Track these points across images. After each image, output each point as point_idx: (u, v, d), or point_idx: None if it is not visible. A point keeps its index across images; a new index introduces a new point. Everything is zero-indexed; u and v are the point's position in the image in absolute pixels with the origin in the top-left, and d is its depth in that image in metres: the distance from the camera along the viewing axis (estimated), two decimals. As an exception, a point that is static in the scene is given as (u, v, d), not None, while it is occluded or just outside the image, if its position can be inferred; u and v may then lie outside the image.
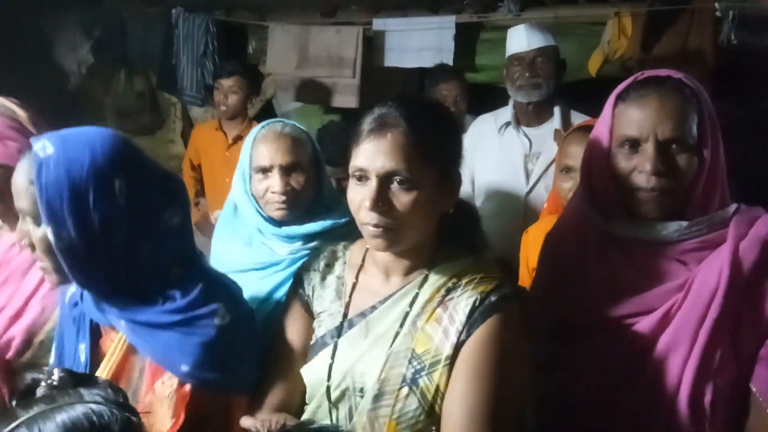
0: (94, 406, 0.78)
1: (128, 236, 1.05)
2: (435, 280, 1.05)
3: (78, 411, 0.77)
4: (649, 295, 1.08)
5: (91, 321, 1.18)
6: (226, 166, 2.86)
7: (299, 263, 1.49)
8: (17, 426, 0.76)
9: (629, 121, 1.08)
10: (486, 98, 2.97)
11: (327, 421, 1.05)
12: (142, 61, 4.41)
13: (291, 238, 1.51)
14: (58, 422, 0.75)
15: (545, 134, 2.19)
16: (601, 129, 1.15)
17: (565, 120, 2.19)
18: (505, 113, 2.29)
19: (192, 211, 3.23)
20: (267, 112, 4.07)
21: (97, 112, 4.96)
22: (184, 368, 1.07)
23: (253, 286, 1.52)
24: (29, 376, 0.87)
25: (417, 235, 1.02)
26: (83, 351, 1.18)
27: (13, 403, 0.83)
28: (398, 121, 0.98)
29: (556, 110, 2.21)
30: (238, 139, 2.96)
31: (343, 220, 1.53)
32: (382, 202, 0.97)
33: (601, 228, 1.14)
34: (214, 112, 4.04)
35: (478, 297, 1.00)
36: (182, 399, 1.09)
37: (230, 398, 1.12)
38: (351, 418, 1.02)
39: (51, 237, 1.02)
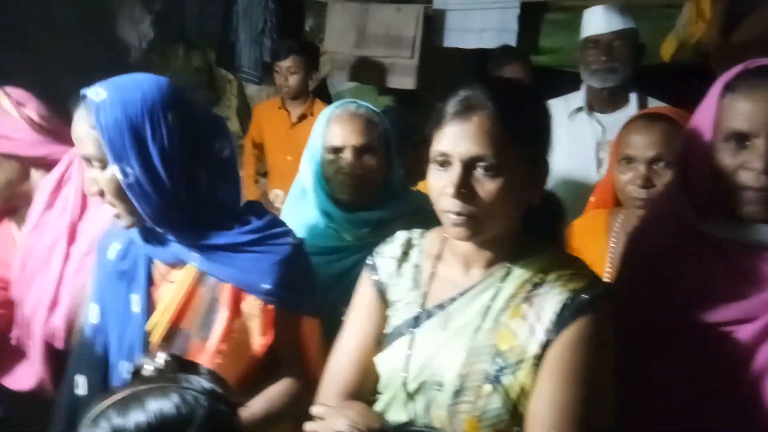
0: (186, 393, 0.78)
1: (186, 167, 1.13)
2: (519, 274, 1.00)
3: (169, 397, 0.76)
4: (750, 302, 1.01)
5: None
6: (289, 145, 2.88)
7: (366, 250, 1.48)
8: (108, 407, 0.76)
9: (738, 113, 1.00)
10: (548, 82, 2.87)
11: (402, 412, 1.02)
12: (201, 37, 4.46)
13: (359, 224, 1.49)
14: (147, 406, 0.75)
15: (619, 121, 2.04)
16: (703, 120, 1.06)
17: (642, 107, 2.08)
18: (577, 98, 2.19)
19: (251, 188, 3.29)
20: (321, 90, 4.06)
21: (155, 87, 5.07)
22: (266, 286, 1.16)
23: (320, 271, 1.51)
24: (139, 359, 0.88)
25: (500, 225, 0.98)
26: (137, 302, 1.21)
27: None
28: (485, 103, 0.94)
29: (633, 96, 2.10)
30: (302, 117, 2.96)
31: (412, 207, 1.50)
32: (465, 188, 0.93)
33: (695, 227, 1.07)
34: (269, 91, 4.05)
35: (569, 295, 0.95)
36: (269, 317, 1.19)
37: (303, 320, 1.25)
38: (429, 410, 1.00)
39: (119, 175, 1.09)
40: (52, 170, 1.49)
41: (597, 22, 2.12)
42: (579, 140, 2.14)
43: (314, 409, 1.06)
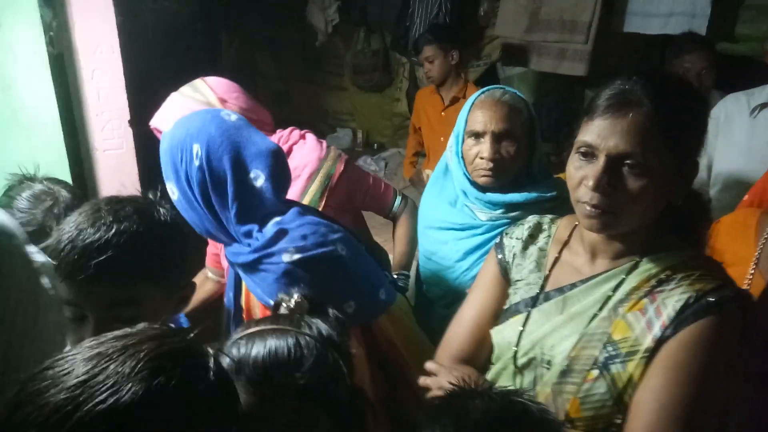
0: (302, 338, 0.90)
1: (209, 192, 1.23)
2: (647, 269, 0.99)
3: (286, 339, 0.89)
4: None
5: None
6: (442, 127, 2.97)
7: (498, 230, 1.53)
8: (240, 337, 0.92)
9: None
10: (742, 72, 2.59)
11: (509, 383, 1.08)
12: (380, 21, 4.70)
13: (493, 205, 1.54)
14: (266, 344, 0.89)
15: (811, 121, 1.85)
16: None
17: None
18: (762, 94, 1.98)
19: (408, 169, 3.45)
20: (489, 77, 4.07)
21: (337, 67, 5.47)
22: (270, 302, 1.20)
23: (452, 245, 1.60)
24: (279, 295, 1.05)
25: (636, 222, 0.96)
26: (227, 297, 1.42)
27: None
28: (642, 99, 0.91)
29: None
30: (455, 101, 3.03)
31: (549, 194, 1.51)
32: (607, 183, 0.92)
33: None
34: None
35: (693, 295, 0.92)
36: None
37: None
38: (535, 385, 1.04)
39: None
40: None
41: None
42: (760, 139, 1.94)
43: (428, 364, 1.15)
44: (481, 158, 1.50)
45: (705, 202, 1.11)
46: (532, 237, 1.16)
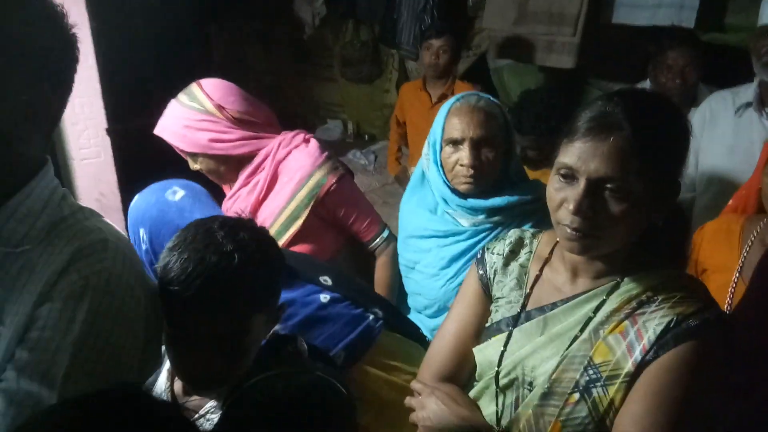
0: (323, 377, 0.93)
1: None
2: (627, 289, 0.98)
3: (313, 377, 0.92)
4: None
5: None
6: (428, 125, 2.92)
7: (481, 235, 1.52)
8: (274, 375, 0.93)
9: None
10: (732, 63, 2.56)
11: (491, 402, 1.08)
12: (369, 13, 4.65)
13: (474, 211, 1.53)
14: (302, 381, 0.91)
15: (796, 121, 1.84)
16: None
17: (828, 105, 1.80)
18: (747, 92, 1.96)
19: (393, 165, 3.42)
20: (479, 67, 4.03)
21: (326, 59, 5.42)
22: None
23: (435, 253, 1.59)
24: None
25: (617, 244, 0.96)
26: None
27: None
28: (623, 123, 0.90)
29: (816, 92, 1.82)
30: (443, 98, 2.99)
31: (528, 197, 1.50)
32: (588, 207, 0.91)
33: None
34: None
35: (675, 318, 0.91)
36: None
37: None
38: (517, 407, 1.03)
39: None
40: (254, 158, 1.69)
41: (781, 6, 1.84)
42: (744, 138, 1.92)
43: (412, 384, 1.16)
44: (461, 165, 1.49)
45: (685, 219, 1.10)
46: (514, 253, 1.15)
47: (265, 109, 1.74)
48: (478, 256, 1.21)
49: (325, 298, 1.29)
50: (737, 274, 1.36)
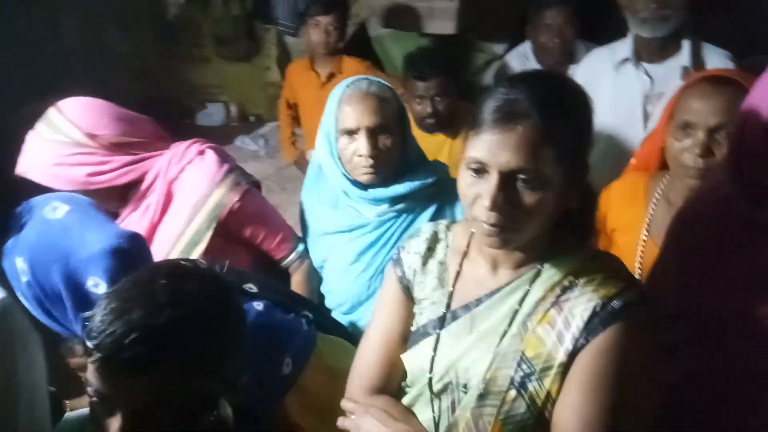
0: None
1: (48, 308, 1.12)
2: (548, 276, 0.96)
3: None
4: None
5: None
6: (321, 105, 2.79)
7: (387, 225, 1.48)
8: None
9: None
10: (607, 16, 2.66)
11: (427, 409, 1.04)
12: (239, -13, 4.38)
13: (378, 201, 1.48)
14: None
15: (670, 72, 1.92)
16: (761, 99, 0.96)
17: (696, 55, 1.90)
18: (623, 48, 2.02)
19: (290, 149, 3.28)
20: (360, 37, 3.94)
21: (197, 37, 5.07)
22: None
23: (342, 248, 1.52)
24: None
25: (536, 233, 0.93)
26: None
27: None
28: (529, 111, 0.87)
29: (685, 44, 1.91)
30: (331, 77, 2.87)
31: (429, 180, 1.47)
32: (503, 200, 0.87)
33: (749, 214, 0.99)
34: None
35: (599, 302, 0.91)
36: None
37: None
38: (454, 411, 1.00)
39: None
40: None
41: (648, -39, 1.91)
42: (625, 93, 1.99)
43: (343, 404, 1.09)
44: (359, 156, 1.42)
45: (593, 191, 1.11)
46: (431, 250, 1.10)
47: (147, 122, 1.54)
48: (394, 257, 1.15)
49: (258, 305, 1.18)
50: (645, 233, 1.41)
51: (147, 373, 0.78)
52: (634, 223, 1.43)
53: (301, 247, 1.64)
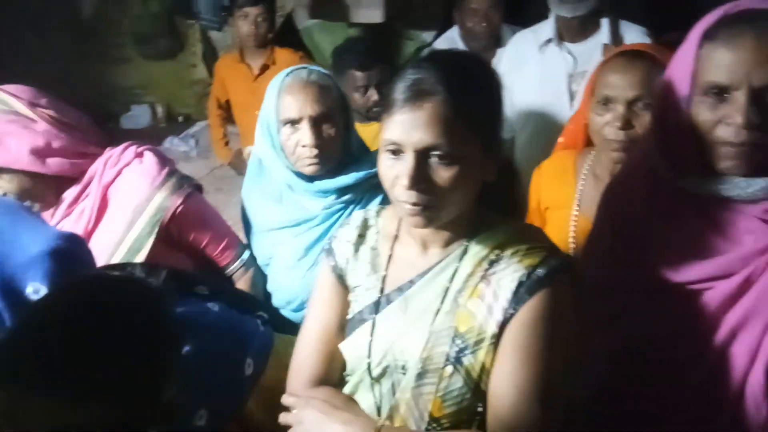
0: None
1: None
2: (476, 252, 0.97)
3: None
4: (727, 258, 0.97)
5: None
6: (254, 99, 2.69)
7: (334, 217, 1.44)
8: None
9: (717, 65, 0.92)
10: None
11: (368, 394, 1.02)
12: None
13: (324, 193, 1.44)
14: None
15: (591, 50, 1.97)
16: (679, 72, 0.98)
17: (614, 32, 1.95)
18: (546, 28, 2.05)
19: (223, 150, 3.16)
20: (285, 27, 3.85)
21: (116, 36, 4.83)
22: None
23: (289, 244, 1.48)
24: None
25: (458, 209, 0.94)
26: None
27: None
28: (436, 87, 0.88)
29: (604, 22, 1.96)
30: (265, 68, 2.79)
31: (374, 169, 1.43)
32: (420, 179, 0.88)
33: (673, 184, 1.01)
34: (235, 38, 3.83)
35: (525, 272, 0.92)
36: None
37: None
38: (394, 393, 0.99)
39: None
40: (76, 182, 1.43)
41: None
42: (550, 73, 2.02)
43: (284, 399, 1.06)
44: (303, 146, 1.38)
45: (512, 167, 1.11)
46: (362, 237, 1.09)
47: (84, 116, 1.46)
48: (326, 247, 1.13)
49: (214, 306, 1.12)
50: (576, 208, 1.44)
51: (46, 395, 0.71)
52: (566, 200, 1.46)
53: (246, 254, 1.56)
